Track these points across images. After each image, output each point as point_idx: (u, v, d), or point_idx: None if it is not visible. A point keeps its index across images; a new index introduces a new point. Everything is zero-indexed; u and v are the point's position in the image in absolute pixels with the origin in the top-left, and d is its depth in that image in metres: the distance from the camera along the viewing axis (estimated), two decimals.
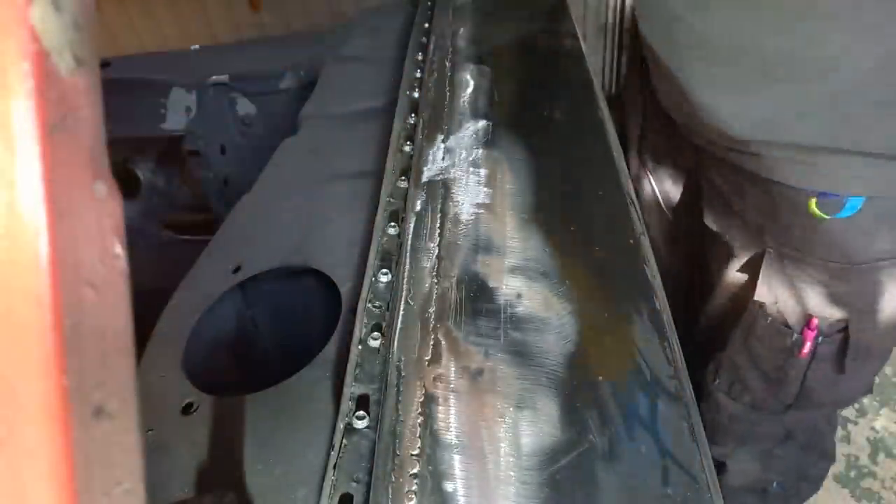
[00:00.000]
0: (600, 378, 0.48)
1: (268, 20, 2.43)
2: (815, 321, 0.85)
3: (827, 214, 0.77)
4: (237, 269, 0.70)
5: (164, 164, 1.36)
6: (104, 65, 1.24)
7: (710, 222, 0.97)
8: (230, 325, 0.74)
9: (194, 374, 0.60)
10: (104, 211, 0.25)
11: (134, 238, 1.29)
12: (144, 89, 1.22)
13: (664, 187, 1.11)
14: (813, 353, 0.88)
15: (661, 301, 0.56)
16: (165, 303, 0.69)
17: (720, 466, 1.11)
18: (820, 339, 0.87)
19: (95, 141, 0.25)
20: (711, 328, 1.05)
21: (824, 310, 0.85)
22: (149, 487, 0.28)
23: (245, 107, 1.22)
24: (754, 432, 1.03)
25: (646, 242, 0.61)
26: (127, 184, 1.34)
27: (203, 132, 1.22)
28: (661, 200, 1.13)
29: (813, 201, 0.77)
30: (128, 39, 2.36)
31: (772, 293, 0.89)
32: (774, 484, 1.11)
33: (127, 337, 0.26)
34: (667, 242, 1.17)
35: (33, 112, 0.22)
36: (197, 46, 1.40)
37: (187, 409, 0.56)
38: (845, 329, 0.85)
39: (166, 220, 1.37)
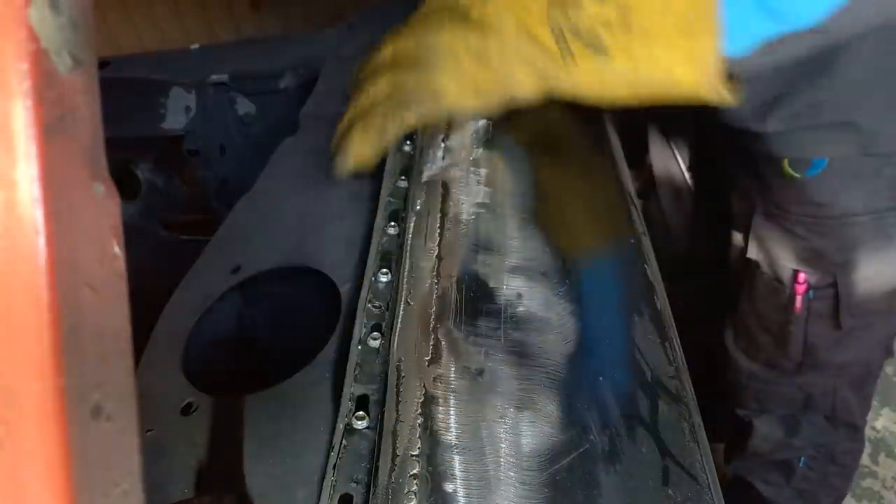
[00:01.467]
0: (600, 378, 0.48)
1: (268, 20, 2.43)
2: (803, 275, 0.91)
3: (798, 173, 0.84)
4: (237, 269, 0.70)
5: (164, 164, 1.36)
6: (104, 64, 1.24)
7: (717, 184, 1.04)
8: (230, 325, 0.74)
9: (194, 374, 0.60)
10: (102, 211, 0.25)
11: (133, 238, 1.29)
12: (144, 89, 1.22)
13: (686, 158, 1.16)
14: (808, 309, 0.94)
15: (662, 301, 0.56)
16: (165, 303, 0.69)
17: (747, 427, 1.14)
18: (811, 294, 0.92)
19: (94, 141, 0.25)
20: (731, 290, 1.09)
21: (808, 264, 0.91)
22: (148, 488, 0.28)
23: (245, 106, 1.22)
24: (773, 393, 1.07)
25: (646, 242, 0.61)
26: (126, 184, 1.34)
27: (203, 132, 1.22)
28: (685, 172, 1.17)
29: (786, 161, 0.84)
30: (128, 39, 2.36)
31: (762, 251, 0.95)
32: (801, 461, 1.13)
33: (125, 337, 0.26)
34: (697, 209, 1.22)
35: (31, 112, 0.22)
36: (197, 46, 1.39)
37: (187, 410, 0.56)
38: (835, 284, 0.90)
39: (166, 220, 1.37)
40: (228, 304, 0.72)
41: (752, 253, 0.96)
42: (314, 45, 1.21)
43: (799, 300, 0.93)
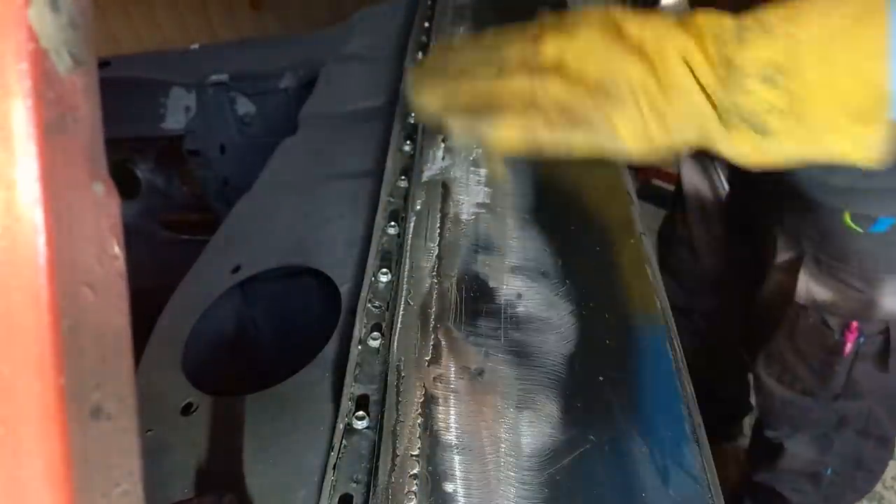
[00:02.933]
0: (600, 378, 0.48)
1: (268, 20, 2.43)
2: (855, 324, 0.88)
3: (860, 228, 0.80)
4: (237, 269, 0.70)
5: (164, 164, 1.36)
6: (104, 64, 1.24)
7: (760, 216, 1.00)
8: (230, 325, 0.74)
9: (194, 374, 0.60)
10: (102, 211, 0.25)
11: (133, 238, 1.29)
12: (144, 89, 1.22)
13: (726, 176, 1.12)
14: (856, 352, 0.91)
15: (662, 301, 0.56)
16: (165, 303, 0.69)
17: (777, 449, 1.13)
18: (862, 339, 0.89)
19: (93, 141, 0.25)
20: (761, 317, 1.07)
21: (862, 314, 0.87)
22: (148, 488, 0.28)
23: (245, 106, 1.22)
24: (808, 418, 1.05)
25: (646, 242, 0.61)
26: (126, 184, 1.34)
27: (203, 132, 1.22)
28: (722, 195, 1.13)
29: (847, 215, 0.80)
30: (128, 39, 2.36)
31: (810, 296, 0.91)
32: (829, 470, 1.12)
33: (125, 337, 0.26)
34: (728, 231, 1.18)
35: (31, 112, 0.22)
36: (197, 46, 1.39)
37: (187, 409, 0.56)
38: (886, 330, 0.88)
39: (166, 220, 1.37)
40: (228, 304, 0.72)
41: (801, 298, 0.92)
42: (314, 45, 1.21)
43: (849, 346, 0.90)
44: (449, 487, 0.41)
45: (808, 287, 0.91)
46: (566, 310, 0.52)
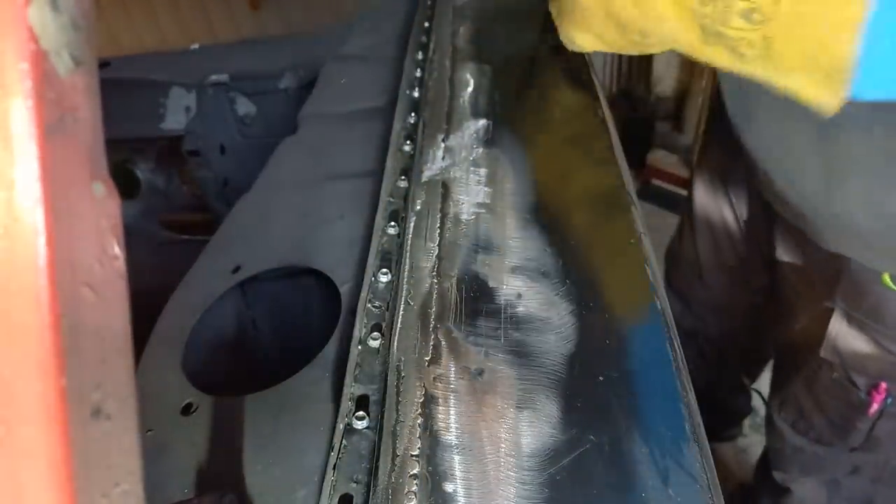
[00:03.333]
0: (600, 378, 0.48)
1: (268, 20, 2.43)
2: (884, 385, 0.86)
3: None
4: (237, 269, 0.70)
5: (164, 164, 1.36)
6: (104, 64, 1.24)
7: (782, 256, 0.97)
8: (230, 325, 0.74)
9: (194, 375, 0.60)
10: (102, 211, 0.25)
11: (133, 238, 1.29)
12: (144, 89, 1.22)
13: (742, 209, 1.09)
14: (881, 411, 0.88)
15: (662, 301, 0.56)
16: (165, 303, 0.69)
17: (784, 491, 1.10)
18: (889, 400, 0.87)
19: (94, 141, 0.25)
20: (779, 356, 1.04)
21: (892, 375, 0.85)
22: (148, 488, 0.28)
23: (245, 106, 1.22)
24: (819, 465, 1.02)
25: (646, 242, 0.61)
26: (126, 184, 1.34)
27: (203, 132, 1.22)
28: (739, 221, 1.10)
29: (887, 275, 0.78)
30: (128, 39, 2.36)
31: (837, 353, 0.88)
32: None
33: (125, 337, 0.26)
34: (742, 262, 1.15)
35: (31, 112, 0.22)
36: (197, 46, 1.40)
37: (187, 410, 0.56)
38: None
39: (166, 220, 1.37)
40: (228, 304, 0.72)
41: (826, 353, 0.89)
42: (314, 45, 1.21)
43: (875, 407, 0.87)
44: (449, 487, 0.41)
45: (836, 343, 0.88)
46: (566, 310, 0.52)
